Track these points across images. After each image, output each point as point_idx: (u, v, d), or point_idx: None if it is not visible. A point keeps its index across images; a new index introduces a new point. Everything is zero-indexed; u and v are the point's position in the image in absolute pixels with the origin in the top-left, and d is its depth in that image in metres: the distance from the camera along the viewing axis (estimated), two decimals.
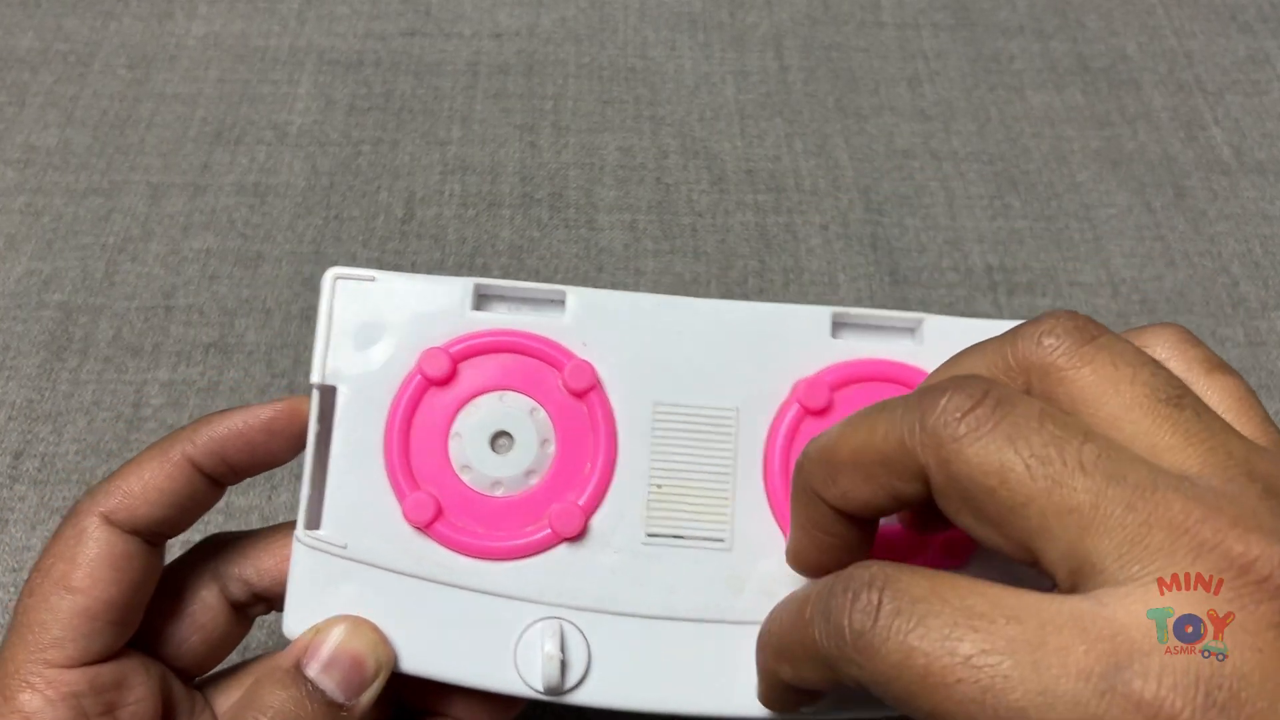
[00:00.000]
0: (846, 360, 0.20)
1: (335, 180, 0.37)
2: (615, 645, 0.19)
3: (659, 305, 0.20)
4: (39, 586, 0.18)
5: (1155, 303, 0.35)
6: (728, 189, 0.37)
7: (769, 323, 0.20)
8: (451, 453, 0.20)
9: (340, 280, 0.20)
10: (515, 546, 0.19)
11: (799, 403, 0.20)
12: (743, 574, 0.19)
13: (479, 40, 0.41)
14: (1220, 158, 0.38)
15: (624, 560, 0.19)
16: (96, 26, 0.41)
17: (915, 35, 0.42)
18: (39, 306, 0.34)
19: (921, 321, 0.20)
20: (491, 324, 0.20)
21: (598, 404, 0.20)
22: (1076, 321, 0.16)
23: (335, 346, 0.20)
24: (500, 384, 0.20)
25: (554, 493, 0.19)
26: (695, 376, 0.20)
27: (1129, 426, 0.15)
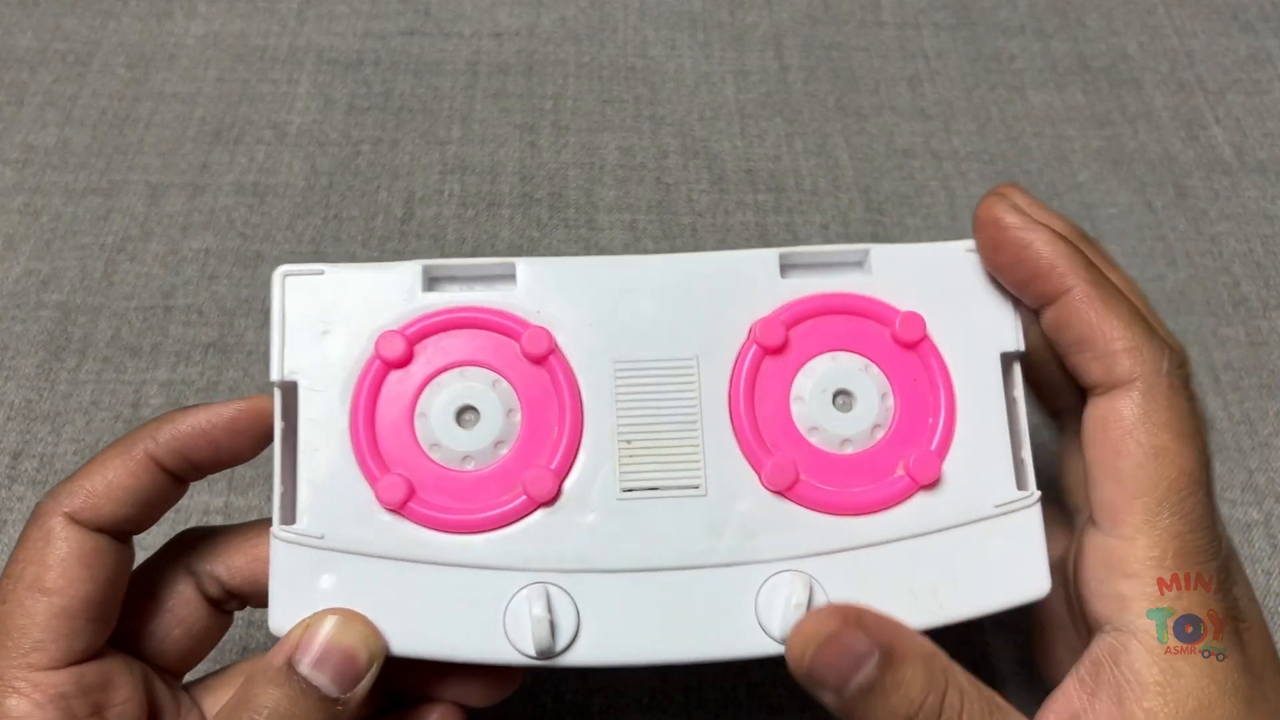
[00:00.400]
0: (798, 297, 0.20)
1: (334, 180, 0.37)
2: (602, 602, 0.19)
3: (608, 265, 0.21)
4: (11, 592, 0.18)
5: (1156, 302, 0.35)
6: (728, 189, 0.37)
7: (719, 270, 0.20)
8: (419, 432, 0.20)
9: (290, 277, 0.20)
10: (492, 517, 0.19)
11: (756, 343, 0.20)
12: (721, 517, 0.19)
13: (479, 40, 0.41)
14: (1221, 157, 0.38)
15: (601, 518, 0.19)
16: (95, 26, 0.40)
17: (916, 34, 0.42)
18: (37, 306, 0.34)
19: (868, 252, 0.21)
20: (444, 303, 0.20)
21: (558, 368, 0.20)
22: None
23: (291, 342, 0.20)
24: (460, 360, 0.20)
25: (525, 460, 0.20)
26: (652, 331, 0.20)
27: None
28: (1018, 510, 0.19)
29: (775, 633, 0.19)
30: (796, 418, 0.20)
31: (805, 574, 0.19)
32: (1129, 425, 0.18)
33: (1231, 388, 0.33)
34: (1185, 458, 0.18)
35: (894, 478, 0.20)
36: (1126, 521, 0.18)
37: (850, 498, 0.20)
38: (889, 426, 0.20)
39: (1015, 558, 0.19)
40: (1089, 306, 0.19)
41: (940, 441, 0.20)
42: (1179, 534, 0.18)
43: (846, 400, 0.20)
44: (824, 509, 0.20)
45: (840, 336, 0.20)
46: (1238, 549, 0.30)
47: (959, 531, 0.19)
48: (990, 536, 0.19)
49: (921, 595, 0.19)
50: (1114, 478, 0.18)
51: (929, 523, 0.19)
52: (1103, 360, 0.19)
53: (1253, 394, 0.33)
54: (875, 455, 0.20)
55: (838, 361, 0.20)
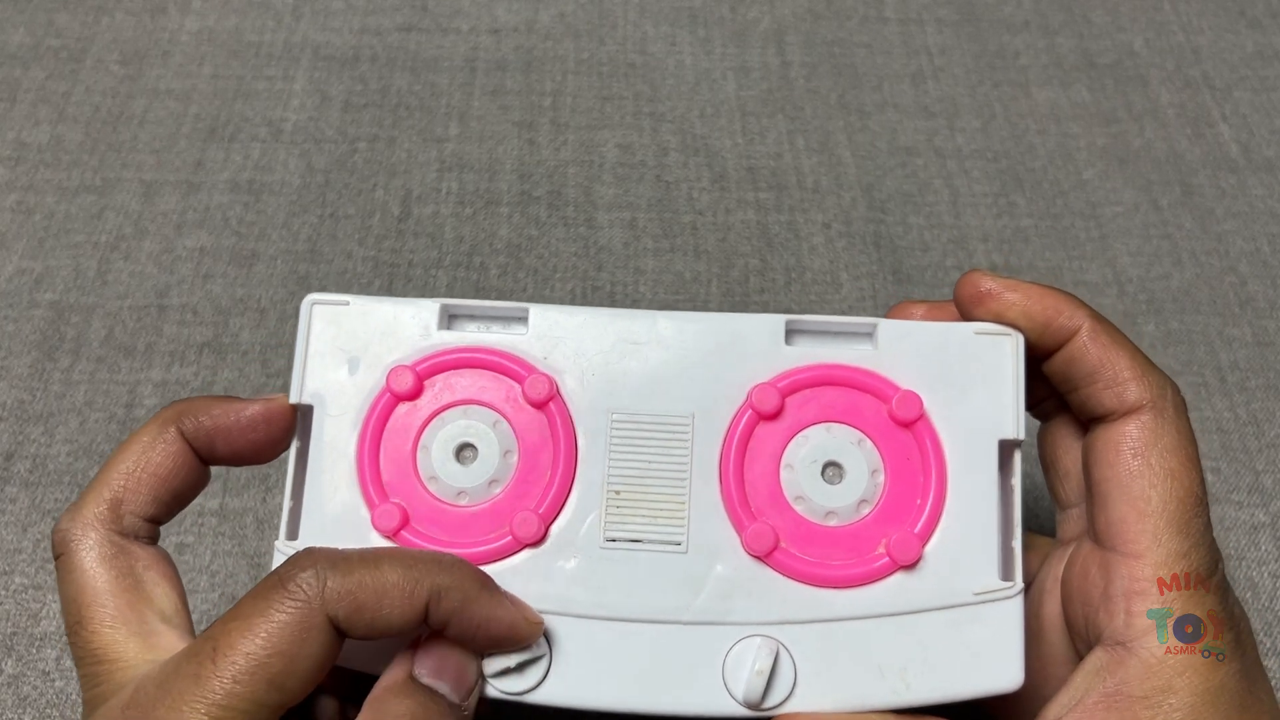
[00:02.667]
0: (799, 366, 0.21)
1: (331, 178, 0.36)
2: (575, 646, 0.19)
3: (617, 318, 0.21)
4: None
5: (1162, 302, 0.35)
6: (729, 187, 0.37)
7: (724, 333, 0.21)
8: (419, 465, 0.21)
9: (317, 305, 0.21)
10: (479, 553, 0.20)
11: (752, 408, 0.20)
12: (699, 575, 0.20)
13: (476, 36, 0.41)
14: (1228, 155, 0.38)
15: (583, 565, 0.20)
16: (88, 22, 0.40)
17: (919, 31, 0.41)
18: (30, 306, 0.33)
19: (876, 326, 0.21)
20: (457, 342, 0.21)
21: (557, 414, 0.20)
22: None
23: (312, 368, 0.21)
24: (464, 399, 0.21)
25: (516, 501, 0.20)
26: (652, 386, 0.21)
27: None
28: (998, 600, 0.19)
29: (739, 696, 0.19)
30: (785, 485, 0.20)
31: (775, 640, 0.19)
32: (1140, 448, 0.19)
33: (1238, 388, 0.33)
34: (1191, 480, 0.19)
35: (874, 554, 0.20)
36: (1135, 540, 0.19)
37: (828, 570, 0.20)
38: (876, 503, 0.20)
39: (990, 647, 0.19)
40: (1096, 342, 0.20)
41: (926, 523, 0.20)
42: (1184, 552, 0.18)
43: (836, 472, 0.20)
44: (801, 578, 0.20)
45: (837, 408, 0.21)
46: (1244, 551, 0.30)
47: (935, 615, 0.19)
48: (967, 623, 0.19)
49: (890, 675, 0.19)
50: (1125, 498, 0.19)
51: (905, 603, 0.20)
52: (1114, 389, 0.20)
53: (1259, 394, 0.33)
54: (859, 531, 0.20)
55: (832, 433, 0.20)
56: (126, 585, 0.18)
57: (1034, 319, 0.20)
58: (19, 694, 0.27)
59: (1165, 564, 0.18)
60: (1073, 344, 0.20)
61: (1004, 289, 0.20)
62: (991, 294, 0.20)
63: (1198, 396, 0.33)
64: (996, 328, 0.21)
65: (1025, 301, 0.20)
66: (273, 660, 0.16)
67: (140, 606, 0.18)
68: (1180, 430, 0.19)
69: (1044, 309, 0.20)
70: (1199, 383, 0.33)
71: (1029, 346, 0.20)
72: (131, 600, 0.18)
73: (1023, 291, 0.20)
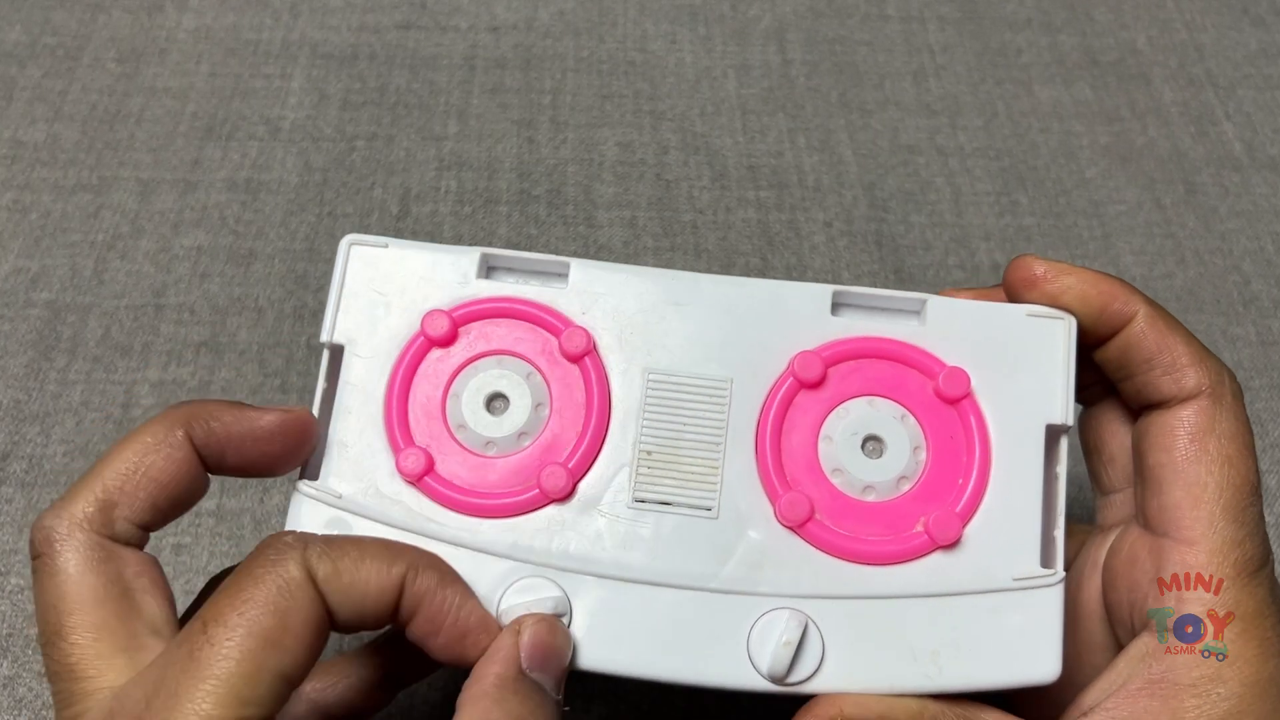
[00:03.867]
0: (844, 337, 0.20)
1: (329, 176, 0.36)
2: (596, 607, 0.19)
3: (659, 277, 0.21)
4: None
5: (1165, 301, 0.34)
6: (729, 185, 0.37)
7: (769, 297, 0.20)
8: (448, 412, 0.20)
9: (355, 246, 0.21)
10: (503, 505, 0.20)
11: (794, 375, 0.20)
12: (728, 543, 0.19)
13: (475, 33, 0.40)
14: (1232, 153, 0.38)
15: (610, 524, 0.19)
16: (85, 20, 0.40)
17: (920, 29, 0.41)
18: (26, 305, 0.33)
19: (925, 302, 0.20)
20: (495, 291, 0.21)
21: (593, 370, 0.20)
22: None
23: (346, 308, 0.20)
24: (499, 349, 0.20)
25: (546, 455, 0.20)
26: (691, 348, 0.20)
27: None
28: (1037, 588, 0.19)
29: (764, 669, 0.18)
30: (822, 456, 0.20)
31: (803, 614, 0.19)
32: (1197, 434, 0.19)
33: (1242, 388, 0.33)
34: (1248, 468, 0.19)
35: (912, 533, 0.19)
36: (1190, 526, 0.18)
37: (863, 545, 0.19)
38: (916, 480, 0.20)
39: (1027, 636, 0.19)
40: (1153, 327, 0.20)
41: (967, 504, 0.19)
42: (1239, 540, 0.18)
43: (876, 446, 0.20)
44: (834, 552, 0.19)
45: (881, 382, 0.20)
46: None
47: (972, 599, 0.19)
48: (1004, 609, 0.19)
49: (921, 658, 0.19)
50: (1181, 483, 0.19)
51: (942, 585, 0.19)
52: (1172, 375, 0.19)
53: (1263, 394, 0.33)
54: (897, 507, 0.19)
55: (874, 407, 0.20)
56: (114, 594, 0.17)
57: (1089, 304, 0.20)
58: (15, 695, 0.27)
59: (1220, 550, 0.18)
60: (1129, 330, 0.20)
61: (1059, 273, 0.20)
62: (1045, 278, 0.20)
63: None
64: (1050, 311, 0.20)
65: (1081, 286, 0.20)
66: (264, 618, 0.16)
67: (128, 618, 0.17)
68: (1238, 417, 0.19)
69: (1099, 294, 0.20)
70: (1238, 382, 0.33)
71: (1081, 332, 0.20)
72: (119, 610, 0.17)
73: (1077, 276, 0.20)
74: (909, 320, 0.21)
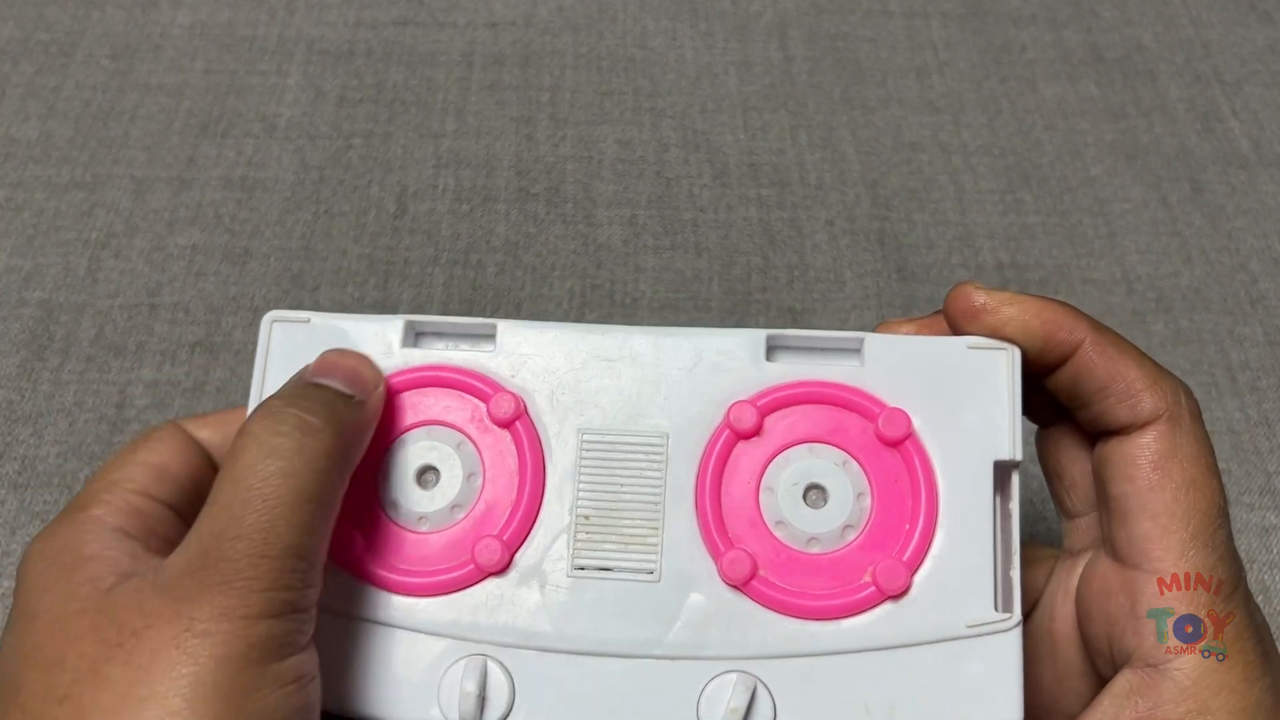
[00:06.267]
0: (781, 383, 0.20)
1: (325, 174, 0.36)
2: (540, 682, 0.18)
3: (588, 334, 0.20)
4: (114, 455, 0.20)
5: (1171, 300, 0.34)
6: (730, 183, 0.36)
7: (701, 349, 0.20)
8: (379, 489, 0.20)
9: (277, 323, 0.21)
10: (440, 583, 0.19)
11: (730, 427, 0.19)
12: (672, 606, 0.19)
13: (474, 30, 0.40)
14: (1238, 151, 0.37)
15: (550, 594, 0.19)
16: (79, 16, 0.39)
17: (924, 25, 0.41)
18: (19, 304, 0.33)
19: (863, 340, 0.20)
20: (422, 359, 0.20)
21: (524, 435, 0.20)
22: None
23: (272, 386, 0.20)
24: (427, 419, 0.20)
25: (480, 527, 0.19)
26: (625, 404, 0.20)
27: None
28: (994, 633, 0.18)
29: None
30: (764, 509, 0.19)
31: (752, 676, 0.18)
32: (1159, 460, 0.18)
33: (1249, 388, 0.32)
34: (1213, 489, 0.18)
35: (859, 584, 0.19)
36: (1161, 557, 0.18)
37: (810, 600, 0.19)
38: (861, 528, 0.19)
39: (985, 684, 0.18)
40: (1102, 354, 0.19)
41: (915, 550, 0.19)
42: (1210, 565, 0.18)
43: (819, 496, 0.19)
44: (781, 609, 0.19)
45: (820, 428, 0.20)
46: (1255, 554, 0.30)
47: (926, 649, 0.18)
48: (960, 658, 0.18)
49: (876, 713, 0.18)
50: (1147, 514, 0.18)
51: (893, 636, 0.18)
52: (1126, 402, 0.19)
53: (1271, 394, 0.32)
54: (843, 558, 0.19)
55: (815, 454, 0.19)
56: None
57: (1033, 334, 0.19)
58: None
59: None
60: (1077, 358, 0.19)
61: (1000, 303, 0.19)
62: (986, 308, 0.19)
63: (1208, 396, 0.32)
64: (991, 342, 0.19)
65: (1023, 316, 0.19)
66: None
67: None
68: (1198, 439, 0.19)
69: (1043, 323, 0.19)
70: (1209, 382, 0.32)
71: (1027, 362, 0.19)
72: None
73: (1020, 305, 0.19)
74: (848, 360, 0.20)
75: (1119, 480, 0.19)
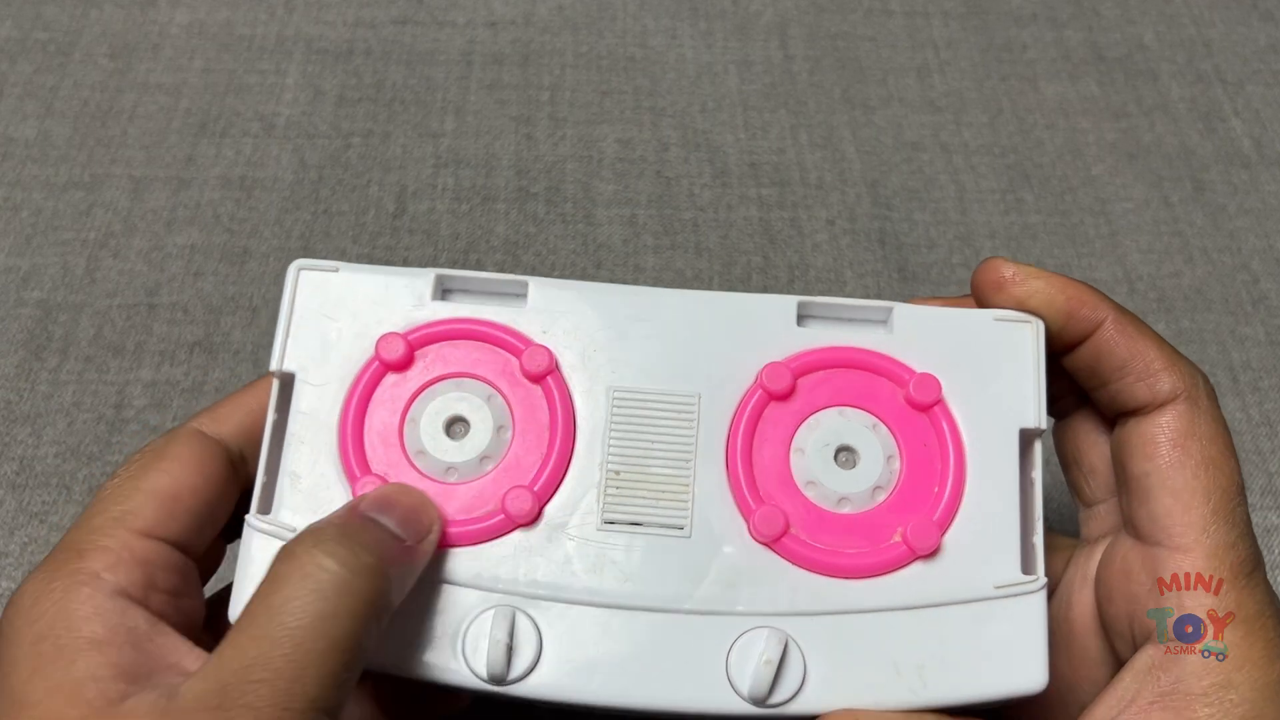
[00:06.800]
0: (812, 348, 0.20)
1: (324, 174, 0.36)
2: (568, 635, 0.18)
3: (621, 293, 0.20)
4: (121, 472, 0.19)
5: (1173, 300, 0.34)
6: (730, 183, 0.36)
7: (734, 311, 0.20)
8: (406, 438, 0.19)
9: (305, 271, 0.20)
10: (467, 532, 0.19)
11: (763, 388, 0.20)
12: (702, 562, 0.19)
13: (473, 29, 0.40)
14: (1240, 150, 0.37)
15: (579, 547, 0.19)
16: (77, 14, 0.39)
17: (924, 24, 0.41)
18: (17, 304, 0.33)
19: (891, 310, 0.20)
20: (452, 313, 0.20)
21: (555, 390, 0.19)
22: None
23: (296, 335, 0.20)
24: (458, 371, 0.20)
25: (509, 479, 0.19)
26: (657, 364, 0.20)
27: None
28: (1020, 595, 0.19)
29: (744, 691, 0.18)
30: (795, 469, 0.19)
31: (783, 632, 0.18)
32: (1179, 439, 0.19)
33: (1250, 388, 0.32)
34: (1232, 469, 0.19)
35: (890, 544, 0.19)
36: (1183, 533, 0.18)
37: (841, 558, 0.19)
38: (891, 489, 0.19)
39: (1012, 645, 0.18)
40: (1123, 333, 0.19)
41: (944, 511, 0.19)
42: (1232, 543, 0.18)
43: (849, 457, 0.20)
44: (811, 567, 0.19)
45: (851, 391, 0.20)
46: None
47: (954, 609, 0.18)
48: (987, 619, 0.18)
49: (906, 672, 0.18)
50: (1168, 490, 0.18)
51: (922, 595, 0.19)
52: (1146, 380, 0.19)
53: (1272, 395, 0.32)
54: (873, 518, 0.19)
55: (845, 417, 0.20)
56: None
57: (1057, 308, 0.19)
58: None
59: (1215, 554, 0.18)
60: (1098, 336, 0.19)
61: (1027, 276, 0.20)
62: (1014, 280, 0.20)
63: None
64: (1017, 314, 0.20)
65: (1048, 290, 0.20)
66: (140, 457, 0.18)
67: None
68: (1215, 419, 0.19)
69: (1068, 299, 0.19)
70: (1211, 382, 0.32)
71: (1048, 339, 0.20)
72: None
73: (1045, 280, 0.20)
74: (875, 329, 0.20)
75: (1139, 459, 0.19)
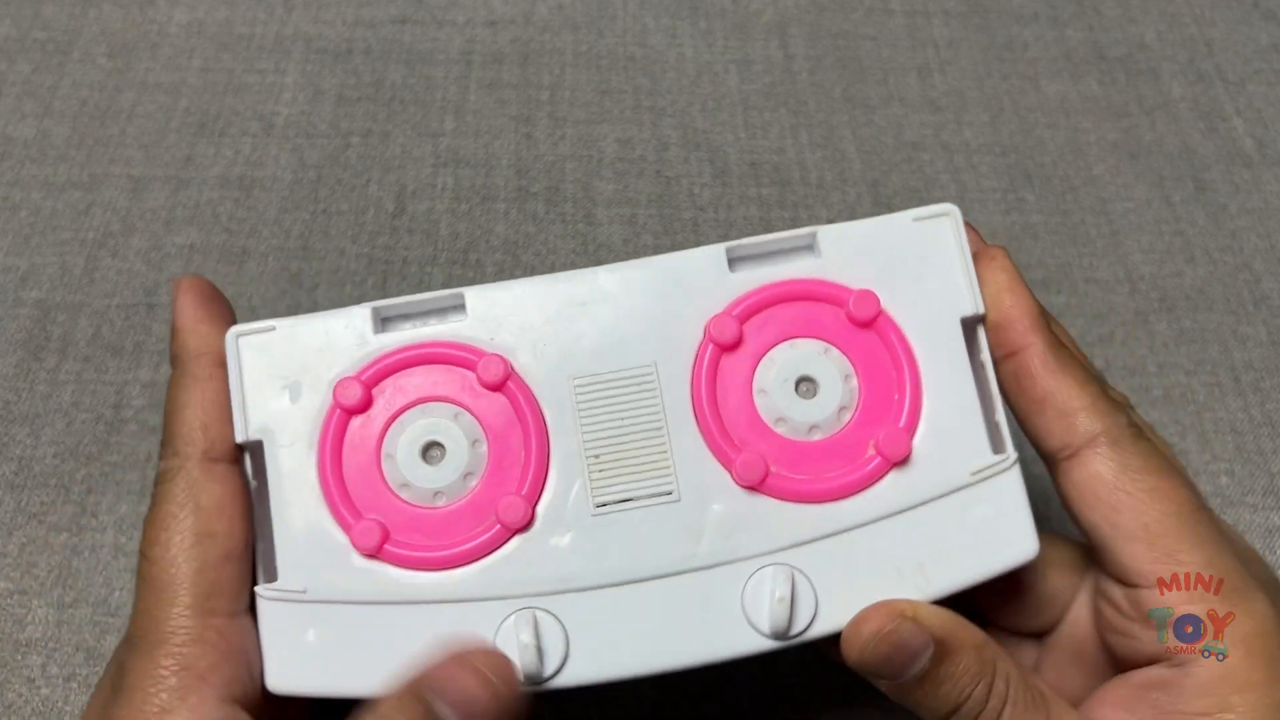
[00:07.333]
0: (749, 290, 0.20)
1: (323, 173, 0.36)
2: (589, 620, 0.19)
3: (554, 282, 0.21)
4: (171, 540, 0.18)
5: (1174, 300, 0.34)
6: (731, 182, 0.36)
7: (667, 273, 0.21)
8: (387, 475, 0.20)
9: (242, 338, 0.20)
10: (468, 550, 0.19)
11: (712, 341, 0.20)
12: (697, 520, 0.19)
13: (473, 28, 0.40)
14: (1242, 150, 0.37)
15: (578, 537, 0.19)
16: (75, 14, 0.39)
17: (925, 23, 0.40)
18: (15, 304, 0.33)
19: (815, 234, 0.21)
20: (397, 342, 0.20)
21: (518, 393, 0.20)
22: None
23: (252, 402, 0.20)
24: (418, 398, 0.20)
25: (496, 489, 0.20)
26: (607, 343, 0.20)
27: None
28: (995, 474, 0.19)
29: (765, 628, 0.19)
30: (762, 411, 0.20)
31: (788, 566, 0.19)
32: (1112, 480, 0.19)
33: (1252, 388, 0.32)
34: (1176, 485, 0.18)
35: (865, 458, 0.20)
36: (1152, 571, 0.18)
37: (824, 483, 0.20)
38: (855, 407, 0.20)
39: (999, 523, 0.19)
40: (1046, 366, 0.19)
41: (909, 416, 0.20)
42: (1204, 563, 0.18)
43: (809, 386, 0.20)
44: (799, 498, 0.19)
45: (795, 323, 0.20)
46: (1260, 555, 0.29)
47: (938, 504, 0.19)
48: (971, 505, 0.19)
49: (909, 573, 0.19)
50: (1122, 537, 0.19)
51: (906, 499, 0.19)
52: (1064, 419, 0.19)
53: (1274, 395, 0.32)
54: (844, 438, 0.20)
55: (796, 349, 0.20)
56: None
57: (998, 311, 0.20)
58: (4, 701, 0.26)
59: (1190, 582, 0.18)
60: (1021, 360, 0.20)
61: (996, 264, 0.20)
62: (985, 256, 0.20)
63: (1211, 397, 0.32)
64: (934, 209, 0.21)
65: (997, 290, 0.20)
66: (182, 518, 0.17)
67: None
68: (1144, 451, 0.19)
69: (1006, 308, 0.20)
70: (1213, 382, 0.32)
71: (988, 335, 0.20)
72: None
73: (1000, 283, 0.20)
74: (805, 257, 0.21)
75: (1085, 511, 0.19)
